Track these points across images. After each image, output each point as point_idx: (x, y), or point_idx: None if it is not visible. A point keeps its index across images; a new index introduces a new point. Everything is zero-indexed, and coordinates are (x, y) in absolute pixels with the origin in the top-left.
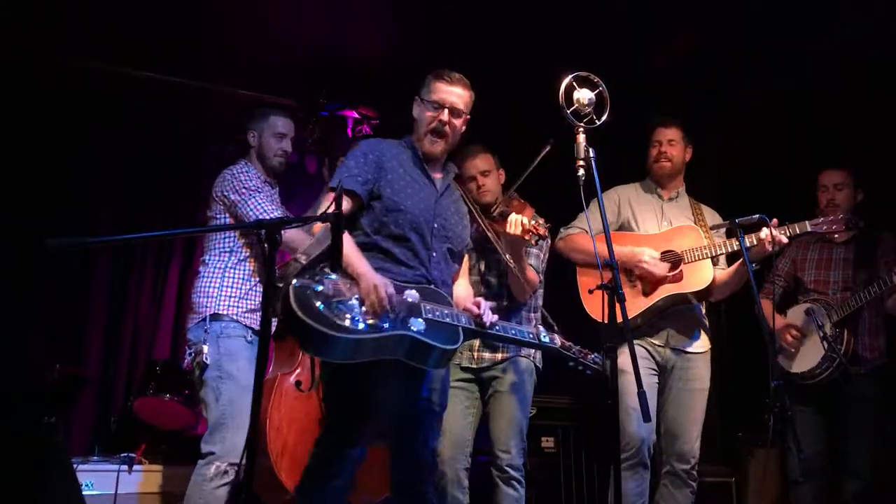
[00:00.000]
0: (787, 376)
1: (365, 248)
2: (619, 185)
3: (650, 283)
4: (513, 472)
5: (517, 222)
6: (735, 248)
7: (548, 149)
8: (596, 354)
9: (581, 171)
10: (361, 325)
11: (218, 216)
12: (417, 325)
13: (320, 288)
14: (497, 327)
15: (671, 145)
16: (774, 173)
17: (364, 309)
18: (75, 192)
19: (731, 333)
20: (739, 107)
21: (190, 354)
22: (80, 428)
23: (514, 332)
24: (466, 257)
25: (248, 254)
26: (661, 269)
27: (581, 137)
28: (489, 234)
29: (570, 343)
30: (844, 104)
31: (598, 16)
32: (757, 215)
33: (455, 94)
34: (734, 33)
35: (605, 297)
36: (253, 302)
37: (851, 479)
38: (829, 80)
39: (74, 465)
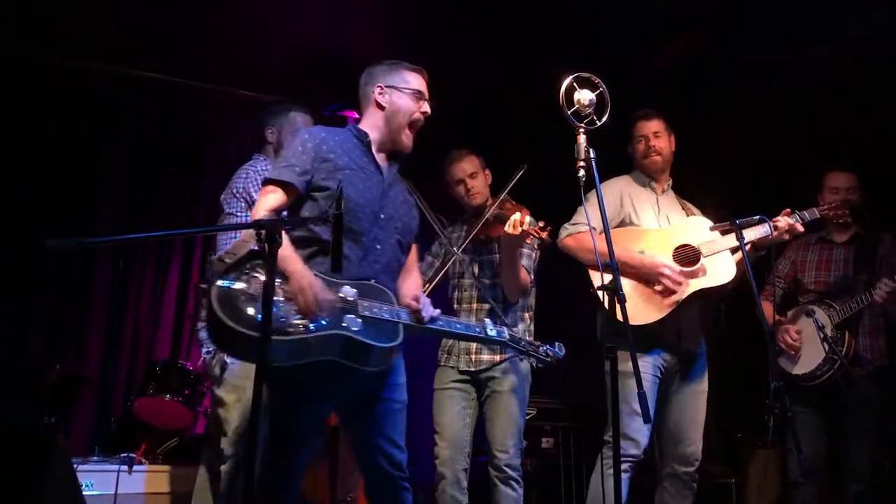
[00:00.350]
0: (787, 377)
1: (306, 242)
2: (613, 178)
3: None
4: (511, 472)
5: (516, 223)
6: (752, 238)
7: (522, 171)
8: (548, 346)
9: (581, 172)
10: (290, 328)
11: (238, 213)
12: (353, 322)
13: (244, 287)
14: (440, 322)
15: (657, 138)
16: (774, 174)
17: (294, 309)
18: (75, 192)
19: (731, 334)
20: (740, 107)
21: (208, 353)
22: (80, 428)
23: (458, 326)
24: (418, 249)
25: None
26: (682, 280)
27: (581, 138)
28: (436, 226)
29: (519, 336)
30: (844, 105)
31: (598, 16)
32: (758, 216)
33: (426, 86)
34: (734, 34)
35: (607, 298)
36: None
37: (852, 480)
38: (830, 81)
39: (74, 466)
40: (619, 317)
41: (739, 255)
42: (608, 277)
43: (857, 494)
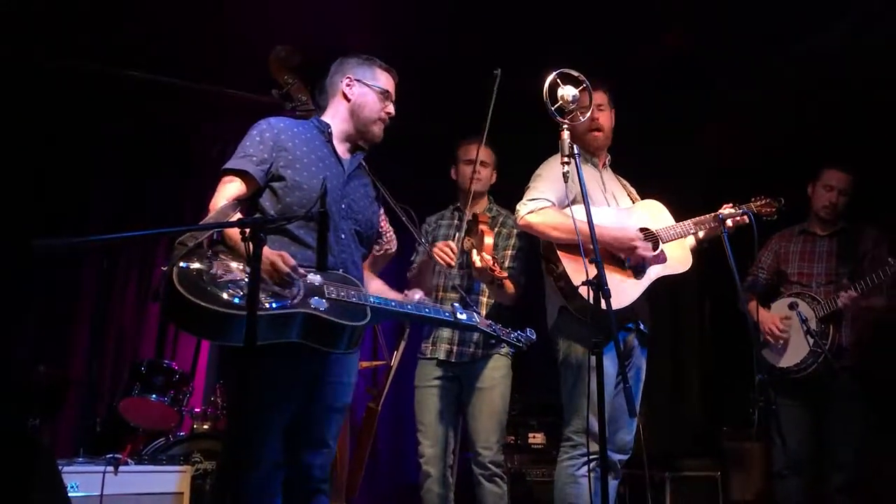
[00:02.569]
0: (772, 370)
1: (270, 231)
2: (556, 155)
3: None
4: (495, 469)
5: (474, 263)
6: (710, 227)
7: (497, 77)
8: (518, 332)
9: (566, 168)
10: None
11: None
12: (319, 303)
13: (204, 267)
14: (409, 306)
15: (601, 111)
16: (762, 172)
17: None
18: (61, 192)
19: (715, 327)
20: (729, 106)
21: None
22: (65, 429)
23: (428, 310)
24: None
25: None
26: (652, 252)
27: (565, 134)
28: (403, 218)
29: (489, 321)
30: (830, 104)
31: (589, 14)
32: (741, 210)
33: (395, 87)
34: (724, 34)
35: (591, 293)
36: None
37: (836, 471)
38: (816, 81)
39: (60, 467)
40: (599, 312)
41: (693, 242)
42: (571, 257)
43: (842, 485)
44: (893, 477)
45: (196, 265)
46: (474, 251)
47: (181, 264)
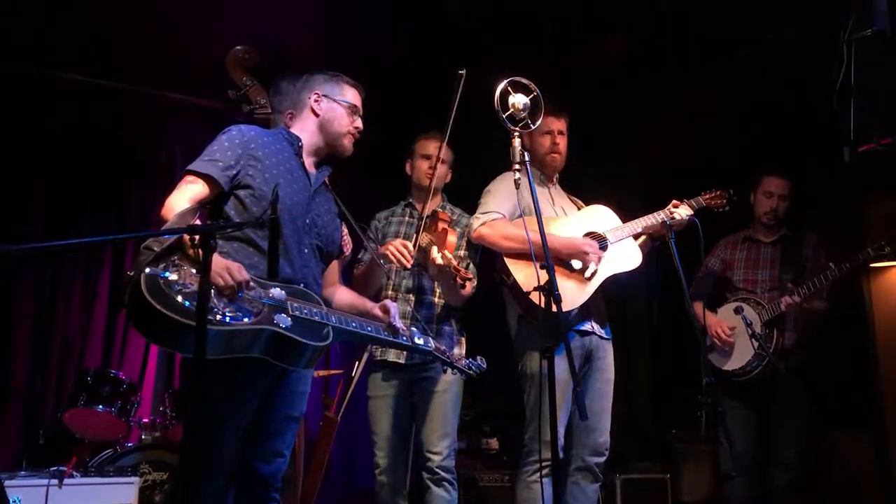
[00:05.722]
0: (718, 373)
1: (232, 238)
2: (507, 173)
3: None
4: (444, 474)
5: (434, 260)
6: (654, 222)
7: (462, 76)
8: (470, 360)
9: (517, 175)
10: (219, 317)
11: None
12: (283, 320)
13: (174, 276)
14: (369, 328)
15: (562, 136)
16: (699, 172)
17: (218, 299)
18: (2, 196)
19: (663, 331)
20: (666, 107)
21: None
22: (7, 441)
23: (385, 334)
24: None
25: None
26: (602, 255)
27: (517, 141)
28: (361, 236)
29: (444, 348)
30: (769, 107)
31: (524, 16)
32: (691, 203)
33: (361, 102)
34: (662, 36)
35: (542, 298)
36: None
37: (781, 471)
38: (754, 83)
39: (1, 481)
40: (549, 317)
41: (641, 240)
42: (529, 266)
43: (786, 484)
44: (835, 473)
45: (165, 274)
46: (434, 248)
47: (147, 270)
